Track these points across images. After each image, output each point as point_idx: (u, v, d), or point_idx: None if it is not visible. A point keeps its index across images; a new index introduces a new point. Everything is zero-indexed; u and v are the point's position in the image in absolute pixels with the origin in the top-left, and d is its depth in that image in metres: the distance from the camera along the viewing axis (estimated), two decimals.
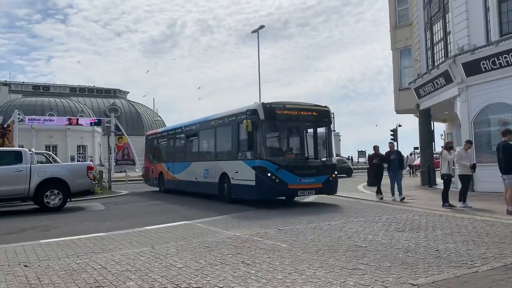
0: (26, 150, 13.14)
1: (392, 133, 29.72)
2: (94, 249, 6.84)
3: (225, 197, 13.67)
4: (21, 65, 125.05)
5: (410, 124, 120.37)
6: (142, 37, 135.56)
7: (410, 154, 40.52)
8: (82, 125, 35.20)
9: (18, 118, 28.94)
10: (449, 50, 17.34)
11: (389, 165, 13.95)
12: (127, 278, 5.04)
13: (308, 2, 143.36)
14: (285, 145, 13.96)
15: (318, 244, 6.75)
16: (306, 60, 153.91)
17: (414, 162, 33.53)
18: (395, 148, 14.50)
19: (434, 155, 22.50)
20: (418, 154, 27.99)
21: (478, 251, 5.99)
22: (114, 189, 21.17)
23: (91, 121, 32.81)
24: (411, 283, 4.55)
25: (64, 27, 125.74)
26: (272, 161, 11.93)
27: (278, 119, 12.58)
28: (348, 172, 33.52)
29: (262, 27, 31.04)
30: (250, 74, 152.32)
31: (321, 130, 13.67)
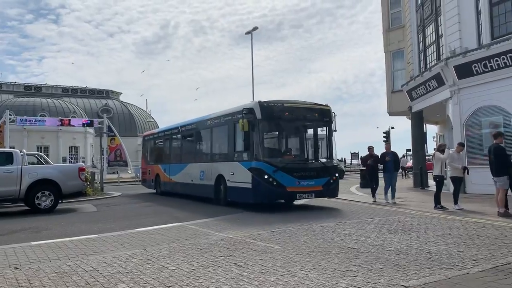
0: (17, 151, 13.04)
1: (384, 135, 29.90)
2: (85, 251, 6.80)
3: (221, 200, 13.21)
4: (12, 65, 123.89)
5: (403, 126, 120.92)
6: (135, 38, 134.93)
7: (402, 156, 40.58)
8: (74, 126, 34.85)
9: (9, 118, 28.65)
10: (441, 53, 17.48)
11: (384, 166, 13.64)
12: (119, 280, 5.01)
13: (301, 4, 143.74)
14: (283, 145, 13.49)
15: (310, 246, 6.77)
16: (299, 61, 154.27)
17: (406, 164, 33.68)
18: (391, 149, 13.97)
19: (427, 157, 22.67)
20: (411, 156, 28.13)
21: (469, 253, 6.03)
22: (106, 190, 21.04)
23: (83, 122, 32.55)
24: (403, 285, 4.58)
25: (56, 27, 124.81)
26: (269, 162, 11.42)
27: (276, 118, 12.09)
28: (340, 173, 33.52)
29: (255, 29, 31.10)
30: (244, 75, 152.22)
31: (321, 130, 13.22)
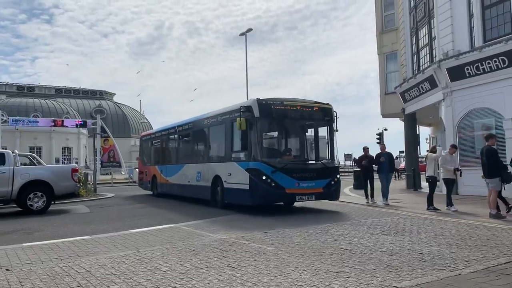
0: (9, 151, 12.94)
1: (378, 136, 30.07)
2: (78, 252, 6.76)
3: (217, 202, 12.84)
4: (5, 65, 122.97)
5: (396, 128, 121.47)
6: (129, 38, 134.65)
7: (395, 158, 40.85)
8: (67, 126, 34.65)
9: (2, 119, 28.45)
10: (434, 55, 17.59)
11: (379, 167, 13.66)
12: (112, 282, 4.99)
13: (296, 5, 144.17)
14: (282, 145, 13.10)
15: (304, 247, 6.78)
16: (293, 63, 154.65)
17: (399, 166, 33.83)
18: (386, 149, 13.98)
19: (419, 159, 22.81)
20: (403, 158, 28.27)
21: (461, 254, 6.07)
22: (100, 191, 20.96)
23: (77, 122, 32.31)
24: (395, 286, 4.60)
25: (49, 28, 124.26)
26: (267, 163, 10.96)
27: (275, 117, 11.68)
28: None
29: (250, 30, 31.18)
30: (238, 77, 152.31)
31: (322, 130, 12.74)
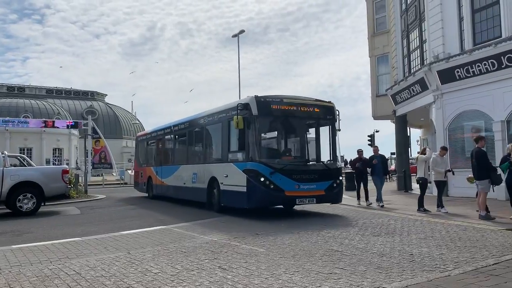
0: None
1: (369, 138, 30.19)
2: (68, 254, 6.72)
3: (214, 205, 12.26)
4: None
5: (387, 129, 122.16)
6: (121, 39, 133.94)
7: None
8: (58, 127, 34.27)
9: None
10: (425, 58, 17.73)
11: (372, 169, 13.74)
12: (102, 284, 4.96)
13: (288, 7, 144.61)
14: (281, 145, 12.53)
15: (295, 248, 6.79)
16: (286, 65, 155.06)
17: (390, 167, 34.02)
18: (379, 152, 14.02)
19: (410, 161, 22.95)
20: (394, 160, 28.44)
21: (451, 255, 6.13)
22: (91, 193, 20.83)
23: (68, 123, 31.97)
24: (385, 287, 4.63)
25: (41, 28, 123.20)
26: (266, 163, 10.38)
27: (273, 115, 11.11)
28: None
29: (242, 32, 31.20)
30: (230, 78, 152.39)
31: (324, 129, 12.11)
